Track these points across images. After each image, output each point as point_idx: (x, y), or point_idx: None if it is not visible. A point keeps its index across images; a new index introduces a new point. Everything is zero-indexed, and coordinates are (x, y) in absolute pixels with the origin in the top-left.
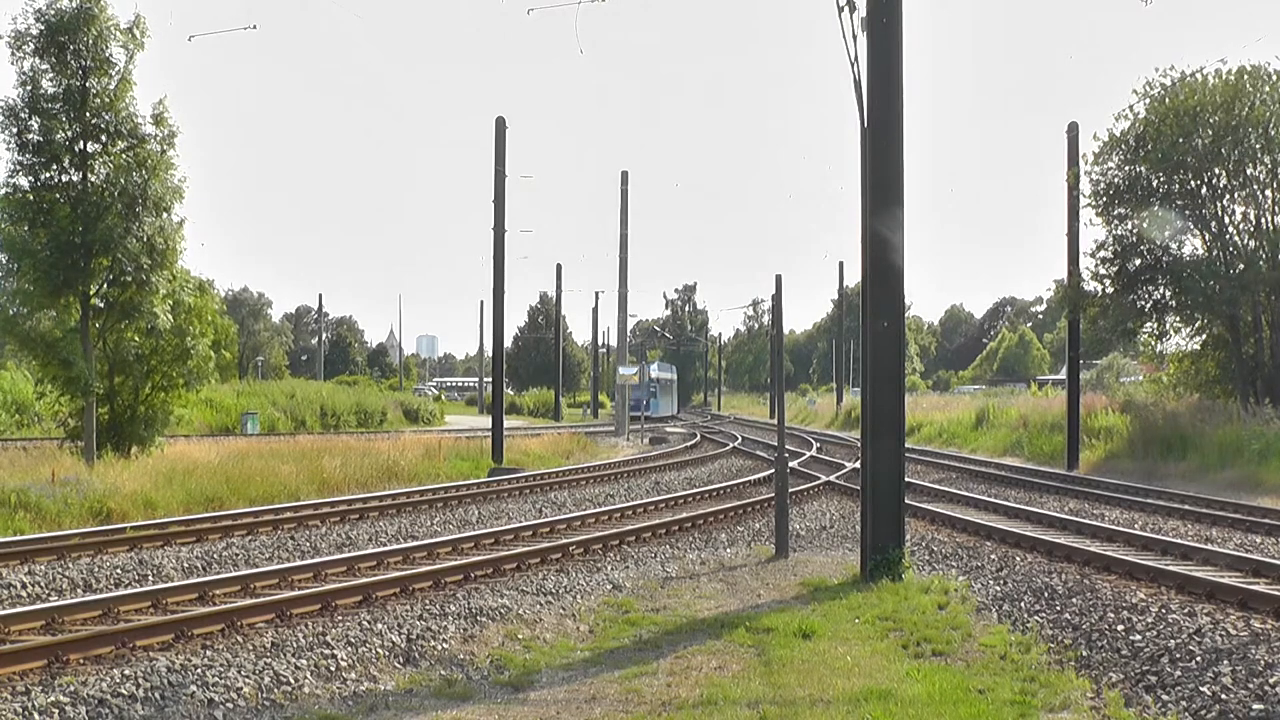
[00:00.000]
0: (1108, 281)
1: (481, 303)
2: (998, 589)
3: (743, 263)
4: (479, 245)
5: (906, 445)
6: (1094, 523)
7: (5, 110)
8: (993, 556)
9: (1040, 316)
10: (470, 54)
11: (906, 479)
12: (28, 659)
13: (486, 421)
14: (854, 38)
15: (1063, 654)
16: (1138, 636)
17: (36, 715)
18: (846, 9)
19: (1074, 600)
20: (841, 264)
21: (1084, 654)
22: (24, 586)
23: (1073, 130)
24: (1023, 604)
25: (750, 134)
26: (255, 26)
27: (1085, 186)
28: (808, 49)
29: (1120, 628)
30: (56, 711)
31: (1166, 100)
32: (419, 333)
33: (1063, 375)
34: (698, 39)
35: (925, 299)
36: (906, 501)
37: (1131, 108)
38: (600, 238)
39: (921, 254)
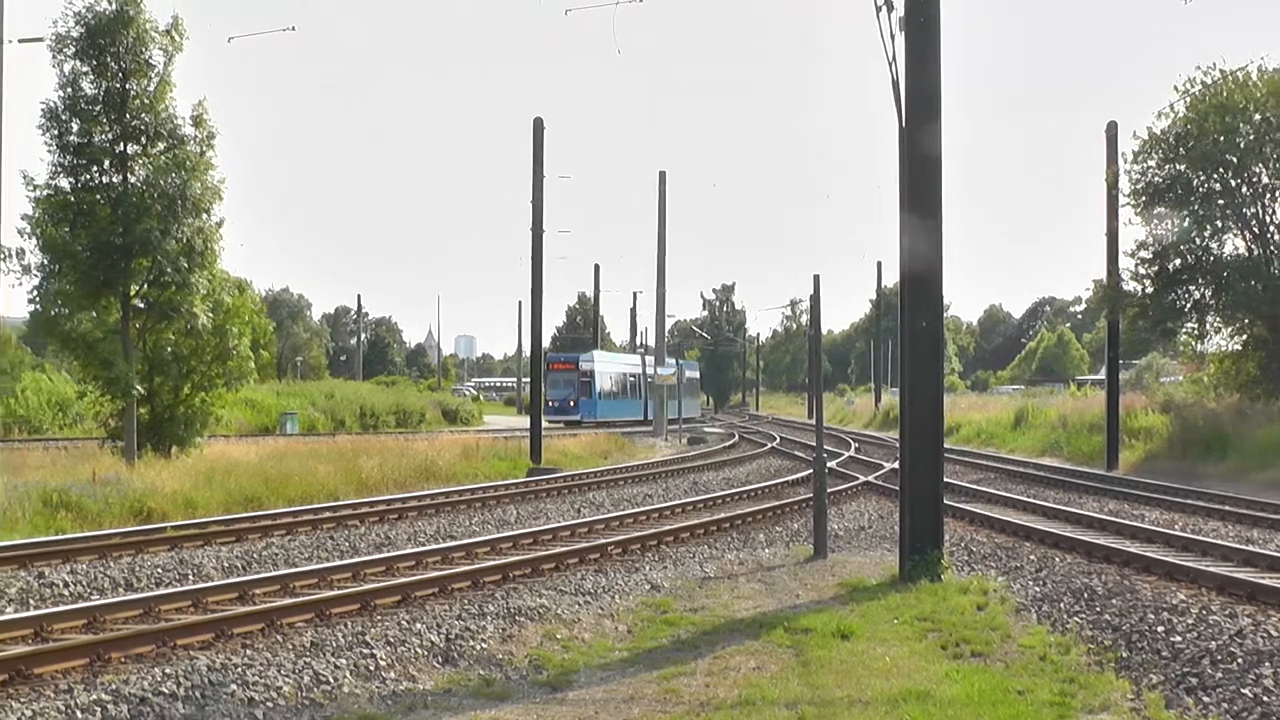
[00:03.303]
0: (1147, 281)
1: (520, 303)
2: (1037, 590)
3: (780, 263)
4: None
5: (945, 445)
6: (1133, 523)
7: (46, 112)
8: (1032, 557)
9: (1079, 316)
10: (508, 55)
11: (945, 479)
12: (70, 657)
13: (525, 421)
14: (892, 37)
15: (1102, 655)
16: (1178, 638)
17: (79, 713)
18: (884, 8)
19: (1113, 601)
20: (879, 264)
21: (1124, 655)
22: (66, 585)
23: (1112, 129)
24: (1062, 605)
25: (788, 133)
26: (293, 28)
27: (1124, 185)
28: (845, 48)
29: (1160, 629)
30: (99, 710)
31: (1207, 98)
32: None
33: (1102, 375)
34: (735, 38)
35: (963, 299)
36: (945, 502)
37: (1172, 106)
38: (638, 238)
39: (960, 253)
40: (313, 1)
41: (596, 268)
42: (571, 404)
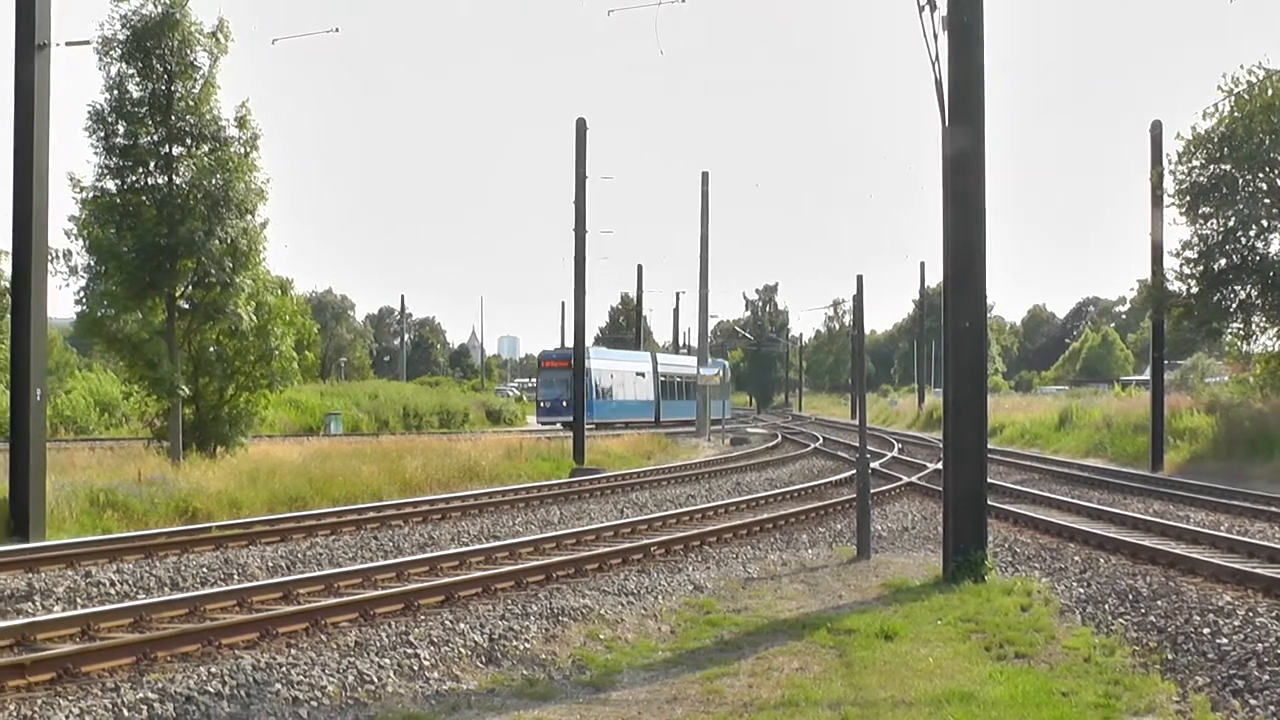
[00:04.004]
0: (1192, 281)
1: (563, 303)
2: (1081, 591)
3: (823, 263)
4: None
5: (988, 446)
6: (1179, 524)
7: (93, 115)
8: (1076, 558)
9: (1124, 316)
10: (551, 55)
11: (988, 480)
12: (117, 656)
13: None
14: (934, 37)
15: (1147, 657)
16: (1224, 640)
17: (126, 712)
18: (927, 8)
19: (1159, 603)
20: (923, 264)
21: (1169, 657)
22: (112, 585)
23: (1156, 129)
24: (1106, 606)
25: (831, 133)
26: (337, 30)
27: (1169, 185)
28: (888, 48)
29: (1206, 631)
30: (145, 708)
31: (1252, 97)
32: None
33: (1146, 376)
34: (777, 38)
35: (1007, 299)
36: (989, 503)
37: (1217, 105)
38: (681, 238)
39: (1003, 253)
40: (358, 3)
41: (639, 268)
42: (565, 404)
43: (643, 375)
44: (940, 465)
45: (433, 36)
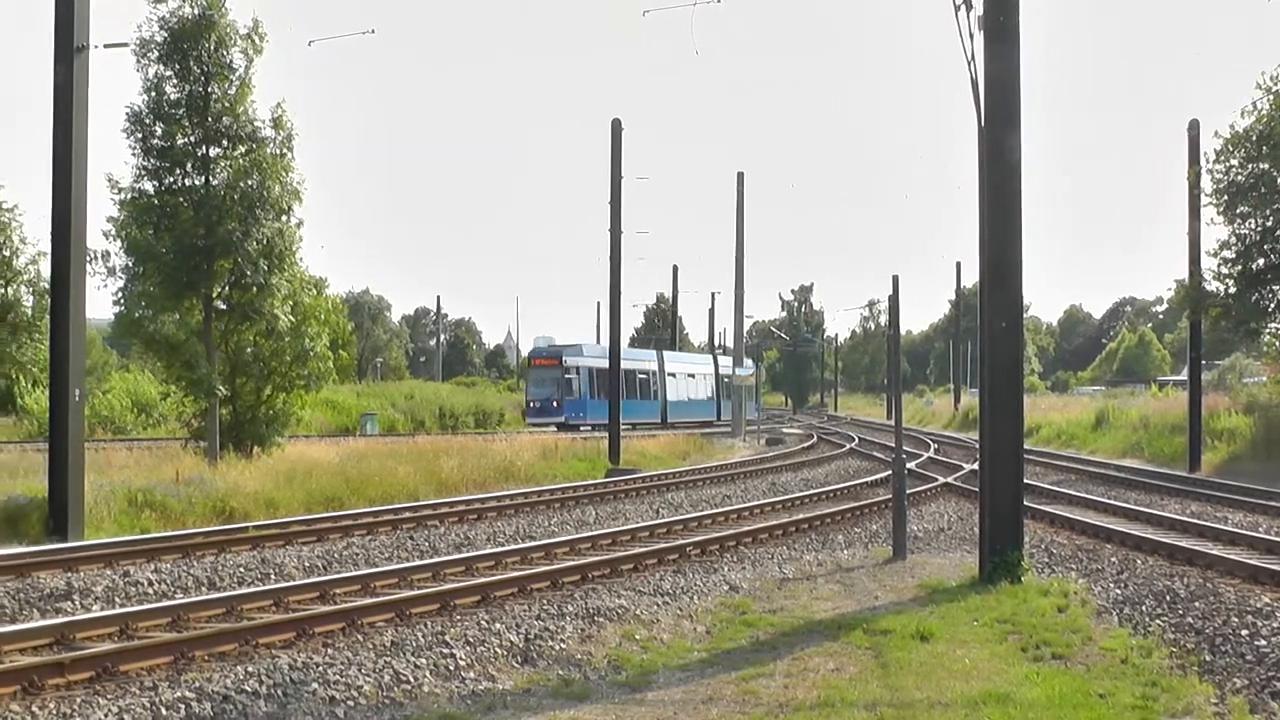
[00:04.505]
0: (1230, 281)
1: (598, 304)
2: (1118, 592)
3: (858, 263)
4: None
5: (1025, 446)
6: (1217, 525)
7: (131, 116)
8: (1113, 559)
9: (1161, 317)
10: (587, 55)
11: (1025, 480)
12: (155, 655)
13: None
14: (971, 36)
15: (1185, 659)
16: (1263, 642)
17: (164, 710)
18: (963, 8)
19: (1196, 604)
20: (958, 264)
21: (1207, 659)
22: (150, 584)
23: (1193, 128)
24: (1144, 608)
25: (867, 133)
26: (373, 31)
27: (1207, 185)
28: (923, 48)
29: (1245, 633)
30: (183, 707)
31: None
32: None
33: (1184, 376)
34: (813, 38)
35: (1043, 299)
36: (1025, 503)
37: (1255, 104)
38: (716, 238)
39: (1039, 253)
40: (393, 4)
41: (675, 268)
42: (555, 404)
43: (646, 374)
44: (976, 466)
45: (468, 37)
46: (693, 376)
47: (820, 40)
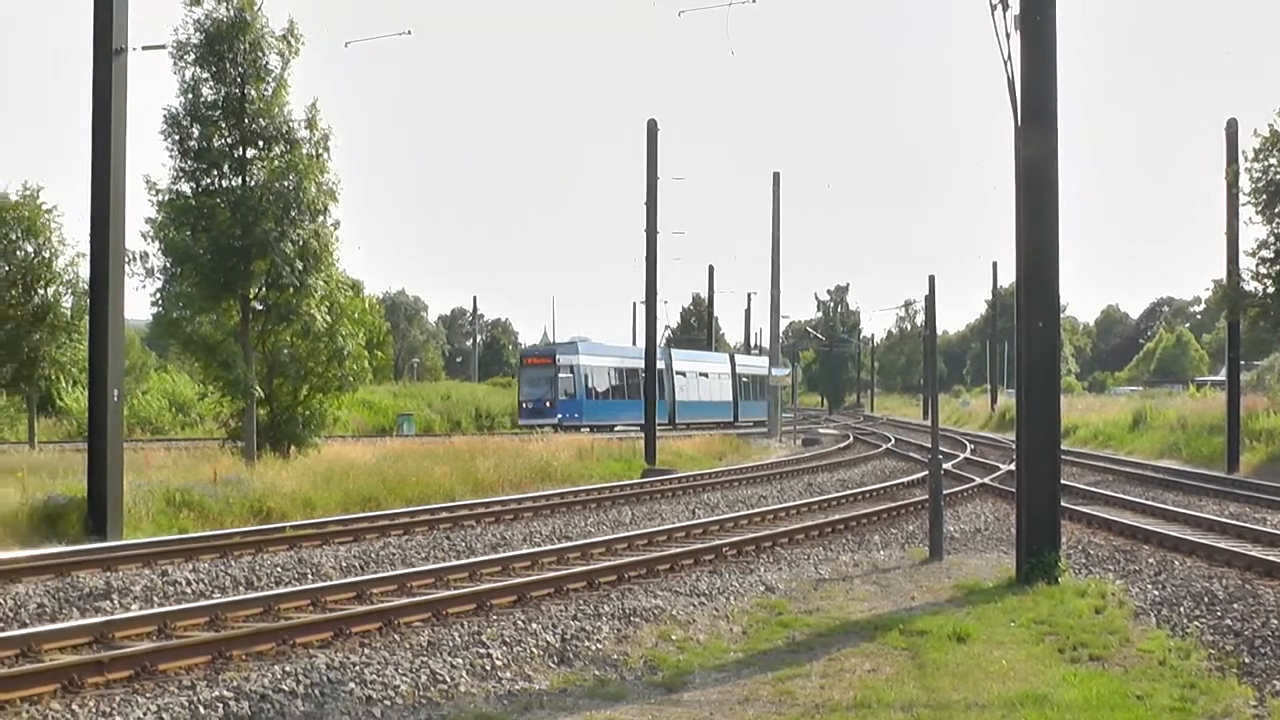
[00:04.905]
0: (1269, 281)
1: (635, 304)
2: (1156, 593)
3: (894, 263)
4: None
5: (1061, 447)
6: (1255, 526)
7: (168, 118)
8: (1150, 560)
9: (1199, 317)
10: (622, 56)
11: (1061, 481)
12: (193, 654)
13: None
14: (1007, 36)
15: (1224, 660)
16: None
17: (202, 709)
18: (999, 7)
19: (1235, 606)
20: (995, 264)
21: (1246, 661)
22: (188, 584)
23: (1231, 127)
24: (1182, 609)
25: (901, 133)
26: (409, 32)
27: (1245, 184)
28: (959, 47)
29: None
30: (220, 706)
31: None
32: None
33: (1222, 376)
34: (848, 38)
35: (1080, 299)
36: (1062, 504)
37: None
38: (752, 238)
39: (1076, 254)
40: (429, 4)
41: (711, 269)
42: (548, 405)
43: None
44: (1013, 466)
45: (503, 37)
46: (706, 376)
47: (856, 39)
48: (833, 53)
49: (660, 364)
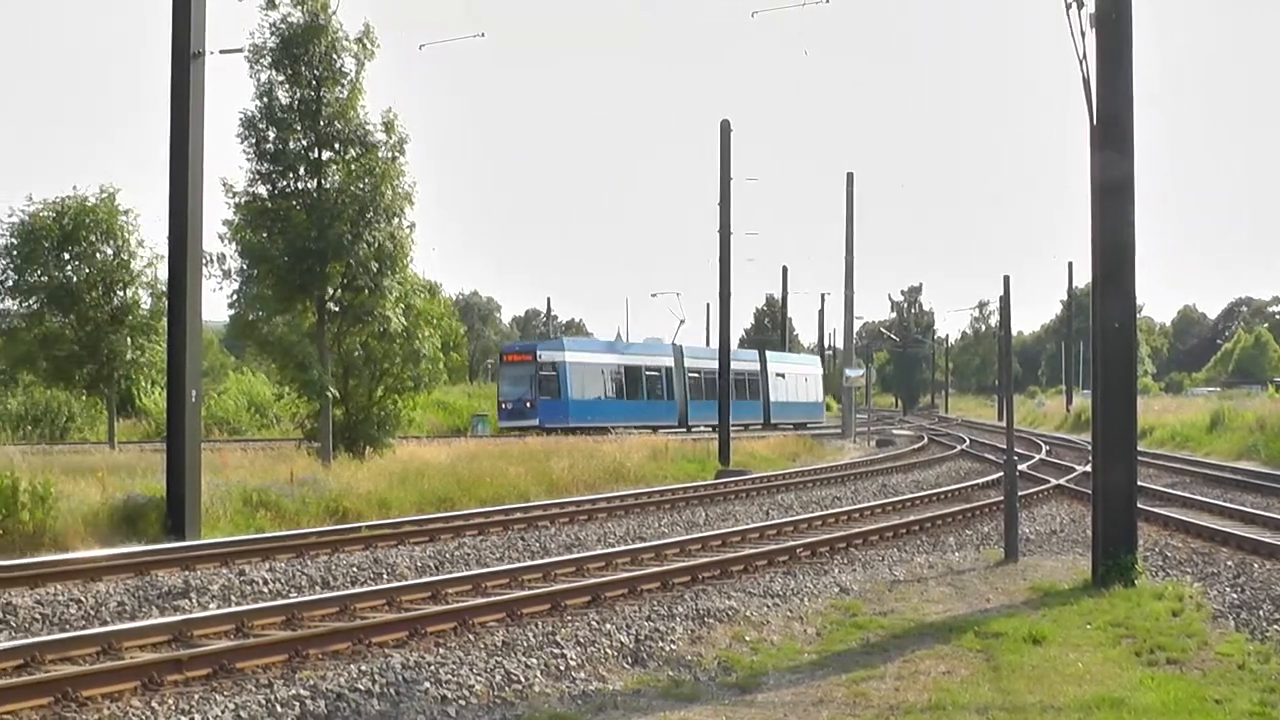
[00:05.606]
0: None
1: (708, 305)
2: (1234, 596)
3: (969, 263)
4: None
5: (1137, 448)
6: None
7: (244, 121)
8: (1229, 563)
9: (1278, 317)
10: (694, 56)
11: (1138, 482)
12: (270, 653)
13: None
14: (1082, 35)
15: None
16: None
17: (279, 707)
18: (1074, 6)
19: None
20: (1070, 264)
21: None
22: (265, 583)
23: None
24: (1261, 612)
25: (976, 132)
26: (483, 34)
27: None
28: (1033, 46)
29: None
30: (297, 704)
31: None
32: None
33: None
34: (921, 38)
35: (1156, 300)
36: (1138, 505)
37: None
38: (825, 239)
39: (1152, 254)
40: (503, 6)
41: (784, 269)
42: (528, 405)
43: (656, 372)
44: (1088, 468)
45: (576, 39)
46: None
47: (930, 39)
48: (906, 51)
49: (670, 362)
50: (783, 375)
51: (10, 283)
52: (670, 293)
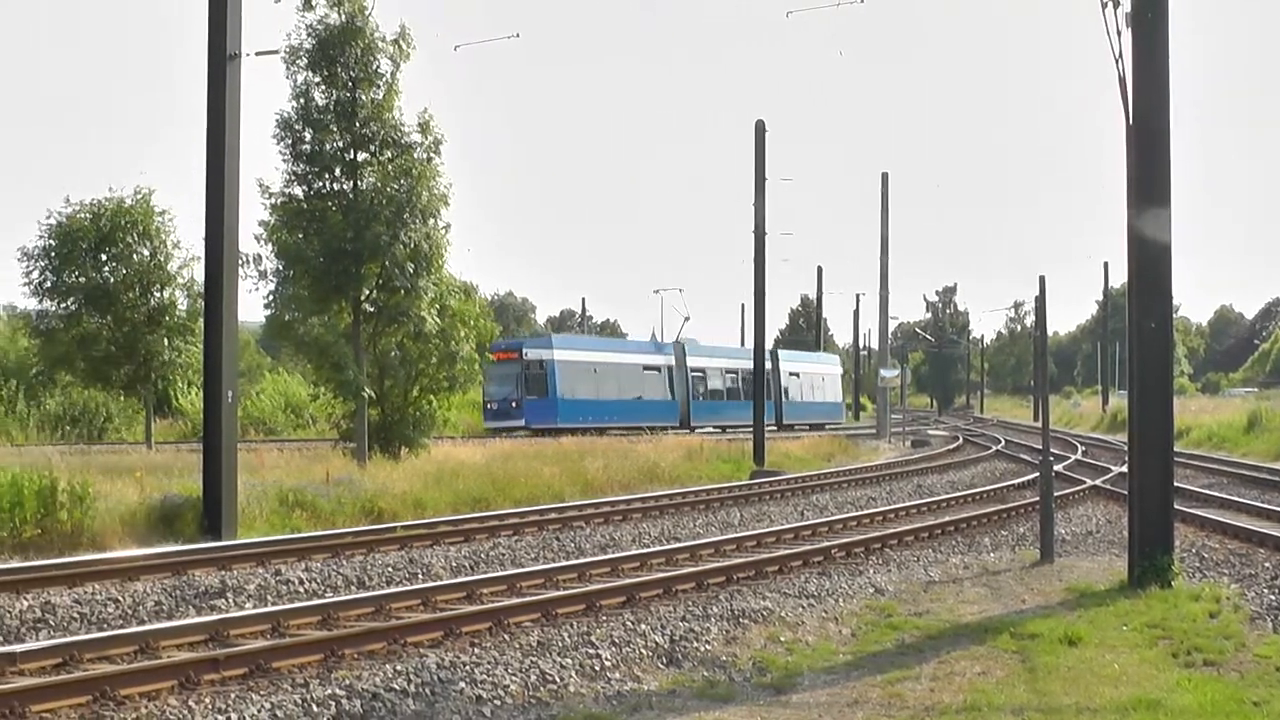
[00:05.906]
0: None
1: (743, 305)
2: (1273, 598)
3: (1004, 263)
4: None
5: (1174, 449)
6: None
7: (281, 122)
8: (1267, 564)
9: None
10: (729, 56)
11: (1174, 483)
12: (306, 652)
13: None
14: (1118, 34)
15: None
16: None
17: (314, 707)
18: (1110, 4)
19: None
20: (1106, 264)
21: None
22: (301, 583)
23: None
24: None
25: (1012, 132)
26: (517, 35)
27: None
28: (1067, 45)
29: None
30: (333, 704)
31: None
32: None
33: None
34: (955, 37)
35: (1193, 300)
36: (1175, 506)
37: None
38: (860, 239)
39: (1188, 253)
40: (538, 7)
41: (819, 270)
42: (514, 405)
43: (654, 370)
44: (1124, 468)
45: (610, 39)
46: (733, 374)
47: (964, 38)
48: (941, 51)
49: (669, 360)
50: (796, 374)
51: (48, 284)
52: (673, 289)
